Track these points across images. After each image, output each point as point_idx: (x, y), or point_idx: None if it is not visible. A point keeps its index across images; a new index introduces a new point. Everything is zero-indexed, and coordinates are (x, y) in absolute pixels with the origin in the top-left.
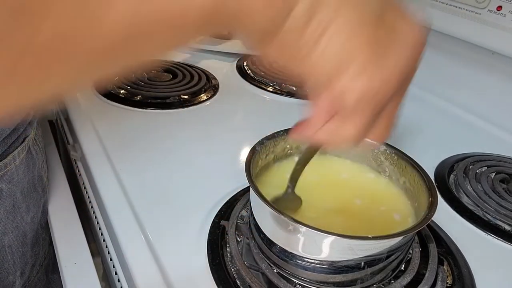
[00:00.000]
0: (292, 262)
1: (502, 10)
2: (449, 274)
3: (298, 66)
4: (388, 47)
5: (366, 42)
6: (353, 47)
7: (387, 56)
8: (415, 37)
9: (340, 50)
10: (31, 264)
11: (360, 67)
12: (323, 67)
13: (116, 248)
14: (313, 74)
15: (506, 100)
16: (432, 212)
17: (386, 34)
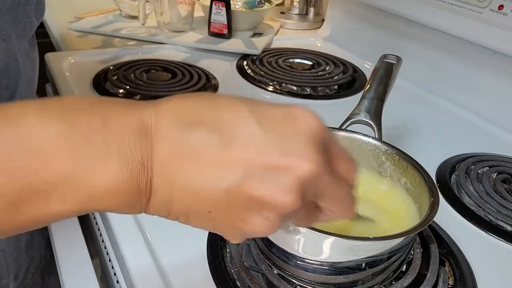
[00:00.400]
0: (293, 263)
1: (504, 9)
2: (450, 275)
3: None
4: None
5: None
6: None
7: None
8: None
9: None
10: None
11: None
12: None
13: (115, 249)
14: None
15: (508, 100)
16: (434, 213)
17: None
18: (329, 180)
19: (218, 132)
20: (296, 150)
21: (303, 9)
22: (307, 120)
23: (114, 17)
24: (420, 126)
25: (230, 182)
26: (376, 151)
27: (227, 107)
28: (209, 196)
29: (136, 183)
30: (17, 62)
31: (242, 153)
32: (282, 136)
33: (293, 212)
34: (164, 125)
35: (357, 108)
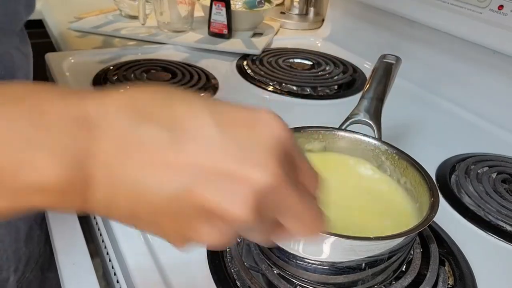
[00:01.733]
0: (293, 263)
1: (504, 9)
2: (450, 275)
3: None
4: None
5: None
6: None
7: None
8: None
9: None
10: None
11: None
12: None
13: (115, 249)
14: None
15: (508, 100)
16: (434, 213)
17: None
18: (289, 194)
19: (170, 130)
20: (254, 159)
21: (303, 9)
22: (271, 127)
23: (114, 17)
24: (420, 126)
25: (177, 187)
26: (376, 151)
27: (184, 104)
28: (154, 199)
29: (70, 179)
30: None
31: (194, 156)
32: (241, 142)
33: (247, 226)
34: (109, 118)
35: (357, 108)
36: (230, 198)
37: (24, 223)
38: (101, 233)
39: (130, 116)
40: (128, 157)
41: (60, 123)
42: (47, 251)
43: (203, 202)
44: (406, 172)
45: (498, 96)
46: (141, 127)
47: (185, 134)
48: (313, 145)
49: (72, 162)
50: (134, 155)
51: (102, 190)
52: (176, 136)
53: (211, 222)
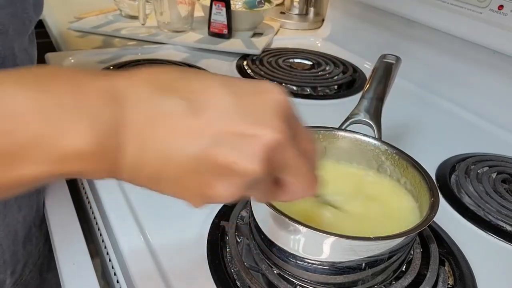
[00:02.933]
0: (293, 263)
1: (504, 9)
2: (450, 274)
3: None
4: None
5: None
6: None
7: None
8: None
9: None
10: (23, 262)
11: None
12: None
13: (115, 249)
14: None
15: (508, 100)
16: (434, 213)
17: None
18: (293, 152)
19: (190, 100)
20: (263, 120)
21: (303, 9)
22: (274, 95)
23: (114, 17)
24: (420, 126)
25: (198, 148)
26: (376, 151)
27: (199, 79)
28: (178, 161)
29: (106, 146)
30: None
31: (211, 121)
32: (250, 107)
33: (256, 180)
34: (136, 92)
35: (357, 108)
36: (244, 154)
37: (23, 225)
38: (101, 233)
39: (153, 90)
40: (155, 126)
41: (93, 96)
42: (46, 252)
43: (221, 159)
44: (406, 172)
45: (498, 96)
46: (164, 99)
47: (203, 103)
48: None
49: (105, 130)
50: (159, 123)
51: (131, 155)
52: (194, 106)
53: (227, 177)
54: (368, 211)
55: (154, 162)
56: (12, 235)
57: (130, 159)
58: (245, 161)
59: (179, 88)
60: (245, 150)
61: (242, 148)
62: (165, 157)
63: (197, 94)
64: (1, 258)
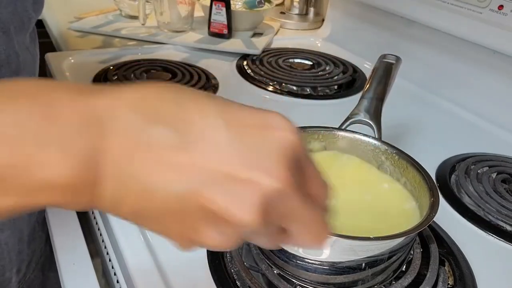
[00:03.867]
0: (293, 263)
1: (504, 9)
2: (450, 274)
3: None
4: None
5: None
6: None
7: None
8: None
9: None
10: (28, 261)
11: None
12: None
13: (115, 249)
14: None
15: (508, 100)
16: (434, 213)
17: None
18: (297, 202)
19: (180, 130)
20: (264, 164)
21: (303, 9)
22: (281, 132)
23: (114, 17)
24: (420, 126)
25: (184, 187)
26: (376, 151)
27: (194, 104)
28: (160, 198)
29: (81, 176)
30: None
31: (203, 158)
32: (251, 146)
33: (253, 231)
34: (120, 116)
35: (357, 108)
36: (237, 202)
37: (28, 224)
38: (101, 233)
39: (140, 116)
40: (137, 157)
41: (71, 121)
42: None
43: (209, 204)
44: (406, 172)
45: (498, 96)
46: (151, 128)
47: (195, 135)
48: (313, 145)
49: (82, 160)
50: (143, 155)
51: (110, 188)
52: (185, 137)
53: (216, 224)
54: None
55: (135, 197)
56: (18, 234)
57: (109, 191)
58: (238, 210)
59: (169, 115)
60: (237, 197)
61: (235, 194)
62: (147, 193)
63: (189, 124)
64: (7, 257)
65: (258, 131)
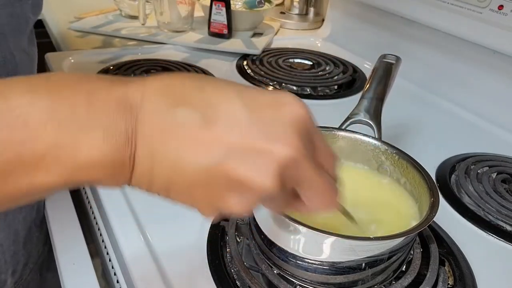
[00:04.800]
0: (293, 263)
1: (504, 9)
2: (450, 274)
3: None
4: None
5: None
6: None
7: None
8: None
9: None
10: (24, 263)
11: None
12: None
13: (115, 249)
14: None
15: (508, 100)
16: (434, 213)
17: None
18: (310, 169)
19: (203, 111)
20: (278, 135)
21: (303, 9)
22: (294, 108)
23: (114, 17)
24: (420, 126)
25: (210, 160)
26: (376, 151)
27: (214, 88)
28: (189, 172)
29: (120, 155)
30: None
31: (225, 133)
32: (267, 121)
33: (271, 196)
34: (149, 101)
35: (357, 108)
36: (258, 170)
37: (23, 225)
38: (101, 233)
39: (166, 101)
40: (167, 136)
41: (107, 105)
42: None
43: (233, 173)
44: (406, 172)
45: (498, 96)
46: (178, 109)
47: (216, 114)
48: None
49: (121, 140)
50: (171, 135)
51: (145, 165)
52: (207, 117)
53: (239, 192)
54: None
55: (166, 172)
56: (13, 236)
57: (142, 169)
58: (258, 176)
59: (193, 99)
60: (257, 165)
61: (255, 163)
62: (177, 168)
63: (211, 104)
64: (2, 258)
65: (272, 108)
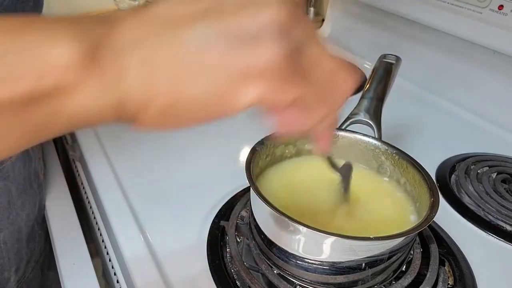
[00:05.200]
0: (293, 263)
1: (504, 9)
2: (450, 274)
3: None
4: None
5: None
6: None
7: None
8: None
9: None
10: (26, 260)
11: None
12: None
13: (115, 249)
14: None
15: (508, 100)
16: (434, 213)
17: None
18: (306, 21)
19: (195, 2)
20: (264, 3)
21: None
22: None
23: None
24: (420, 126)
25: (208, 56)
26: (376, 151)
27: (203, 4)
28: (191, 74)
29: (101, 62)
30: None
31: (216, 17)
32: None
33: (281, 71)
34: (134, 18)
35: (357, 108)
36: (259, 46)
37: (26, 223)
38: (101, 233)
39: (156, 17)
40: (159, 49)
41: (85, 19)
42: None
43: (237, 60)
44: (406, 172)
45: (498, 96)
46: (166, 27)
47: (203, 4)
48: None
49: (94, 41)
50: (164, 49)
51: (135, 81)
52: (195, 7)
53: (251, 80)
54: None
55: (166, 84)
56: (16, 233)
57: (135, 88)
58: (262, 49)
59: (182, 13)
60: (257, 41)
61: (253, 40)
62: (178, 79)
63: (200, 16)
64: (6, 256)
65: (242, 16)
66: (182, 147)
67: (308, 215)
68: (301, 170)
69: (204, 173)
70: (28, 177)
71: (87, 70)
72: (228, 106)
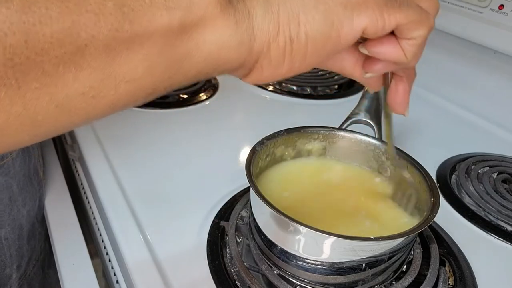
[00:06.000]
0: (293, 263)
1: (504, 9)
2: (450, 275)
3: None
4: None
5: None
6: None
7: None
8: None
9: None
10: (28, 257)
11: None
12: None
13: (115, 249)
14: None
15: (508, 100)
16: (434, 213)
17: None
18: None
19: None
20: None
21: None
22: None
23: None
24: (420, 126)
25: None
26: (376, 151)
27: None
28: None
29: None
30: None
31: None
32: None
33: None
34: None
35: (357, 107)
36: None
37: (27, 220)
38: (101, 233)
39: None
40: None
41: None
42: (47, 248)
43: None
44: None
45: (498, 96)
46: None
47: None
48: (313, 145)
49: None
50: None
51: (262, 17)
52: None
53: (361, 9)
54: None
55: (288, 18)
56: (18, 230)
57: (261, 21)
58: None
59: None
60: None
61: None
62: (299, 13)
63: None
64: (8, 253)
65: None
66: (182, 147)
67: (308, 215)
68: (301, 171)
69: (204, 173)
70: (28, 173)
71: (224, 7)
72: (344, 36)
